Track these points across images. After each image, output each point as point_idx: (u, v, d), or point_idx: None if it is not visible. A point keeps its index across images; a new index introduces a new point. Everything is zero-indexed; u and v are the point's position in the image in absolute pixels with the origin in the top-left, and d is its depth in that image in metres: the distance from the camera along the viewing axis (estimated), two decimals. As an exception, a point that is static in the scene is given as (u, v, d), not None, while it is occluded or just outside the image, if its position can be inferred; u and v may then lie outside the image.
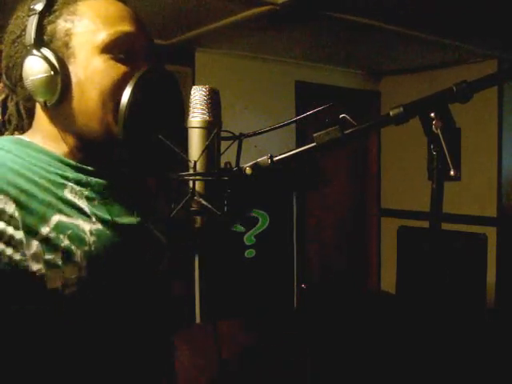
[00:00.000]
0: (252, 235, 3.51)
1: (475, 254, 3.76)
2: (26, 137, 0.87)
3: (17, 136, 0.88)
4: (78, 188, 0.84)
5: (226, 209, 0.80)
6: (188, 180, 0.78)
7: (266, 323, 3.16)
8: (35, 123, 0.88)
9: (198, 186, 0.78)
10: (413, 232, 4.11)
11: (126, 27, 0.83)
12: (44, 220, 0.76)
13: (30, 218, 0.76)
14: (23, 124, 0.90)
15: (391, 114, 0.76)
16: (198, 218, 0.79)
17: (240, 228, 3.47)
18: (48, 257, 0.75)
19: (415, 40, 3.05)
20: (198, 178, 0.77)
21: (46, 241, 0.76)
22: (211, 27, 2.77)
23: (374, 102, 4.36)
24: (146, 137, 0.81)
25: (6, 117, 0.91)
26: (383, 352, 3.20)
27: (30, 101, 0.87)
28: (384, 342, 3.32)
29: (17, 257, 0.74)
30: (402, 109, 0.76)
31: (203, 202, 0.77)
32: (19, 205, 0.75)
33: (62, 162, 0.85)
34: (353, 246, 4.45)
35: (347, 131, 0.77)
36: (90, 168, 0.87)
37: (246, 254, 3.49)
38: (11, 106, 0.90)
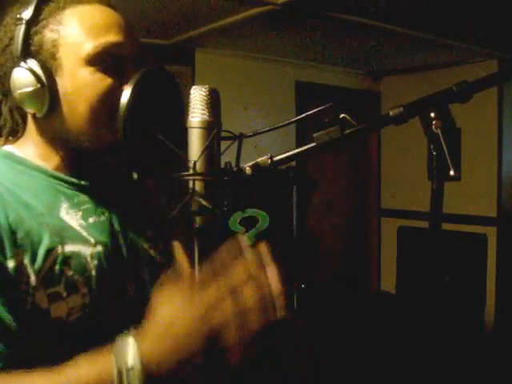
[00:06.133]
0: (252, 235, 3.50)
1: (475, 253, 3.76)
2: (17, 149, 0.86)
3: (8, 149, 0.86)
4: (73, 208, 0.83)
5: (225, 209, 0.80)
6: (188, 180, 0.78)
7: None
8: (27, 132, 0.87)
9: (198, 185, 0.78)
10: (413, 232, 4.11)
11: (112, 37, 0.81)
12: (44, 252, 0.75)
13: (30, 252, 0.75)
14: (18, 128, 0.89)
15: (391, 113, 0.76)
16: (198, 218, 0.79)
17: (240, 228, 3.46)
18: (51, 290, 0.75)
19: (415, 40, 3.05)
20: (197, 178, 0.77)
21: (48, 274, 0.75)
22: (211, 27, 2.77)
23: (374, 102, 4.36)
24: (145, 137, 0.81)
25: (1, 122, 0.89)
26: (383, 352, 3.20)
27: (21, 109, 0.86)
28: (384, 342, 3.32)
29: (22, 289, 0.73)
30: (402, 109, 0.76)
31: (203, 202, 0.77)
32: (17, 237, 0.74)
33: (54, 177, 0.84)
34: (353, 245, 4.45)
35: (347, 131, 0.77)
36: (83, 182, 0.86)
37: (246, 253, 3.49)
38: (5, 111, 0.88)
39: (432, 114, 0.74)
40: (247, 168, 0.79)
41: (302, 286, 3.80)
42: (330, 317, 3.59)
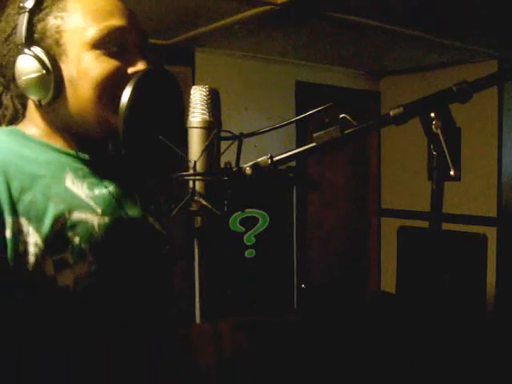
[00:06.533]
0: (252, 235, 3.51)
1: (475, 253, 3.76)
2: (21, 129, 0.86)
3: (12, 127, 0.87)
4: (78, 179, 0.83)
5: (225, 209, 0.81)
6: (188, 180, 0.78)
7: (266, 323, 3.16)
8: (29, 120, 0.88)
9: (198, 185, 0.78)
10: (413, 232, 4.11)
11: (116, 21, 0.82)
12: (51, 218, 0.76)
13: (35, 219, 0.75)
14: (18, 115, 0.90)
15: (391, 114, 0.76)
16: (198, 218, 0.79)
17: (240, 228, 3.47)
18: (58, 257, 0.75)
19: (415, 40, 3.05)
20: (198, 178, 0.77)
21: (55, 240, 0.75)
22: (211, 27, 2.77)
23: (374, 102, 4.36)
24: (146, 137, 0.81)
25: (1, 112, 0.90)
26: (383, 352, 3.20)
27: (23, 98, 0.87)
28: (384, 342, 3.32)
29: (30, 258, 0.73)
30: (402, 109, 0.76)
31: (203, 202, 0.77)
32: (25, 205, 0.74)
33: (59, 151, 0.85)
34: (353, 246, 4.45)
35: (347, 131, 0.77)
36: (87, 157, 0.87)
37: (246, 253, 3.50)
38: (6, 100, 0.89)
39: (432, 114, 0.74)
40: (247, 168, 0.79)
41: (302, 285, 3.80)
42: (330, 317, 3.60)
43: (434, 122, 0.74)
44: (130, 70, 0.82)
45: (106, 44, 0.81)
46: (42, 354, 0.77)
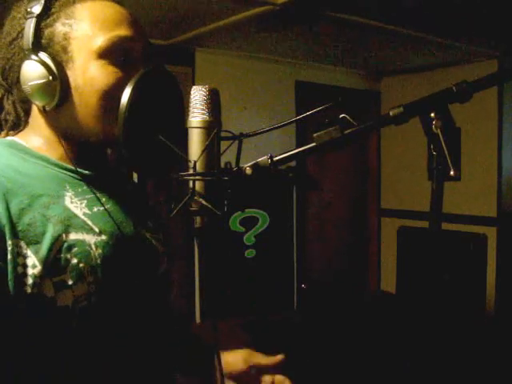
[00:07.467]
0: (252, 235, 3.51)
1: (475, 253, 3.76)
2: (20, 139, 0.86)
3: (11, 138, 0.87)
4: (77, 196, 0.83)
5: (225, 209, 0.80)
6: (188, 180, 0.78)
7: (266, 323, 3.16)
8: (31, 124, 0.88)
9: (198, 185, 0.78)
10: (413, 232, 4.11)
11: (123, 31, 0.83)
12: (49, 241, 0.75)
13: (34, 242, 0.75)
14: (20, 122, 0.90)
15: (391, 114, 0.76)
16: (198, 218, 0.79)
17: (240, 228, 3.47)
18: (57, 279, 0.75)
19: (415, 40, 3.05)
20: (198, 178, 0.77)
21: (54, 263, 0.75)
22: (211, 27, 2.77)
23: (374, 102, 4.36)
24: (146, 137, 0.81)
25: (2, 116, 0.90)
26: (383, 352, 3.20)
27: (26, 102, 0.86)
28: (384, 342, 3.32)
29: (29, 280, 0.73)
30: (402, 109, 0.76)
31: (203, 202, 0.77)
32: (22, 226, 0.74)
33: (58, 166, 0.85)
34: (353, 246, 4.45)
35: (347, 131, 0.77)
36: (87, 172, 0.87)
37: (246, 253, 3.50)
38: (7, 104, 0.89)
39: (432, 114, 0.74)
40: (247, 168, 0.79)
41: (302, 285, 3.80)
42: (330, 317, 3.60)
43: (433, 122, 0.74)
44: (126, 87, 0.82)
45: (112, 53, 0.82)
46: (40, 369, 0.77)
